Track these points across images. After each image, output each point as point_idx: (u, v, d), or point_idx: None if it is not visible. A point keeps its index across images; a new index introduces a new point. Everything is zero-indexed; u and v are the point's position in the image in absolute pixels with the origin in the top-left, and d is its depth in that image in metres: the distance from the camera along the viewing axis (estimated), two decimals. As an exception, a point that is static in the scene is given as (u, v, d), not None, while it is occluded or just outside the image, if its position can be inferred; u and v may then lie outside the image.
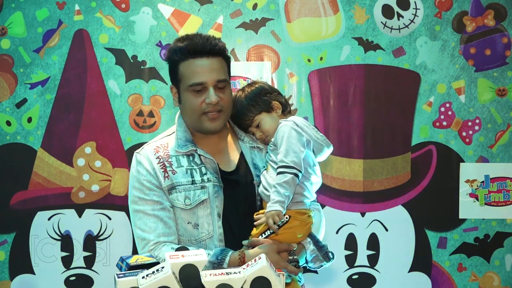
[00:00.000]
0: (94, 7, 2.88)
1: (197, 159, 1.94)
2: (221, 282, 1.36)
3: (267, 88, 2.00)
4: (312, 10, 2.94)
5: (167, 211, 1.89)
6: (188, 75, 1.91)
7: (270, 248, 1.80)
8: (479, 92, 2.96)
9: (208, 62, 1.89)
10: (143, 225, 1.89)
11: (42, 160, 2.87)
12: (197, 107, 1.90)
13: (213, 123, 1.91)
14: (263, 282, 1.40)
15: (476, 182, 2.97)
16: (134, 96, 2.90)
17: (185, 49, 1.90)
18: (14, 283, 2.88)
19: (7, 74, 2.87)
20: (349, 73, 2.94)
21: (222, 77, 1.89)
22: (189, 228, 1.90)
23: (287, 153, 1.83)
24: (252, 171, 1.96)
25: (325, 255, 1.88)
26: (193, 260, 1.40)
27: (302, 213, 1.87)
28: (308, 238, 1.90)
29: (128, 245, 2.89)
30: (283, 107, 1.98)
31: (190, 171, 1.92)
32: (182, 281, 1.38)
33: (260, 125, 1.96)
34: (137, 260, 1.53)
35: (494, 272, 2.98)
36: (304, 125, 1.92)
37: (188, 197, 1.89)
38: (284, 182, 1.81)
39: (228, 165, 1.97)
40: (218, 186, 1.91)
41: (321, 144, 1.92)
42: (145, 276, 1.37)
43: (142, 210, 1.90)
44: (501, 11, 2.96)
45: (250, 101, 1.96)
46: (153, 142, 2.00)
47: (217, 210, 1.90)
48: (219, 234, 1.90)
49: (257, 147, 2.01)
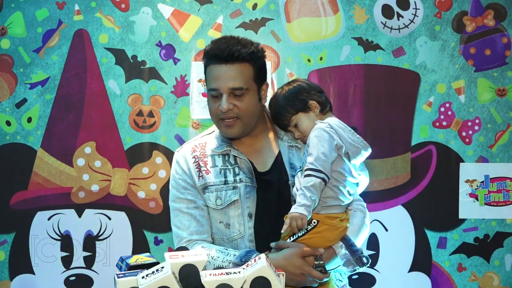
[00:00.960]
0: (94, 7, 2.88)
1: (232, 159, 1.96)
2: (221, 282, 1.36)
3: (305, 87, 1.96)
4: (312, 10, 2.94)
5: (200, 209, 1.94)
6: (208, 79, 1.95)
7: (294, 252, 1.79)
8: (479, 92, 2.96)
9: (225, 69, 1.89)
10: (178, 223, 1.96)
11: (42, 160, 2.87)
12: (214, 112, 1.94)
13: (228, 130, 1.93)
14: (263, 282, 1.40)
15: (476, 182, 2.96)
16: (134, 96, 2.90)
17: (207, 54, 1.94)
18: (14, 283, 2.88)
19: (7, 74, 2.87)
20: (349, 73, 2.94)
21: (238, 85, 1.88)
22: (221, 228, 1.93)
23: (316, 156, 1.81)
24: (288, 171, 1.95)
25: (359, 260, 1.84)
26: (193, 260, 1.40)
27: (333, 218, 1.84)
28: (340, 241, 1.86)
29: (128, 245, 2.89)
30: (321, 106, 1.95)
31: (224, 171, 1.94)
32: (182, 281, 1.38)
33: (298, 125, 1.93)
34: (136, 260, 1.53)
35: (494, 272, 2.98)
36: (340, 127, 1.88)
37: (220, 197, 1.92)
38: (311, 185, 1.78)
39: (263, 165, 1.97)
40: (251, 187, 1.92)
41: (357, 147, 1.88)
42: (145, 276, 1.37)
43: (178, 208, 1.96)
44: (501, 11, 2.96)
45: (287, 101, 1.93)
46: (193, 140, 2.06)
47: (248, 211, 1.91)
48: (250, 234, 1.91)
49: (295, 146, 1.99)
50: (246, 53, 1.91)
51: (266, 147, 2.01)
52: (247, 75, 1.91)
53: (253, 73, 1.92)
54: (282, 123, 1.98)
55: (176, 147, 2.85)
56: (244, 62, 1.90)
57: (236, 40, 1.95)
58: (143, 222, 2.90)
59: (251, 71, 1.92)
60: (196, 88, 2.90)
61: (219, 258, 1.84)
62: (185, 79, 2.89)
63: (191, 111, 2.89)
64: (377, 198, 2.95)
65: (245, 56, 1.90)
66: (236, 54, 1.89)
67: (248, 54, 1.91)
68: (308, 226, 1.82)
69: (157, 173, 2.89)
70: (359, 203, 2.00)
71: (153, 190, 2.90)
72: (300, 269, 1.77)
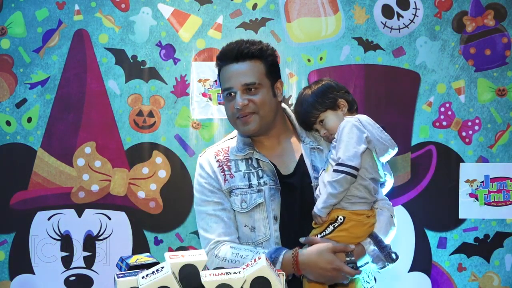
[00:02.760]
0: (94, 7, 2.88)
1: (255, 162, 1.96)
2: (221, 282, 1.36)
3: (334, 86, 1.98)
4: (312, 10, 2.94)
5: (227, 211, 1.94)
6: (222, 81, 1.97)
7: (325, 247, 1.79)
8: (479, 92, 2.96)
9: (237, 66, 1.92)
10: (205, 225, 1.95)
11: (42, 160, 2.87)
12: (231, 111, 1.95)
13: (245, 126, 1.94)
14: (263, 282, 1.40)
15: (476, 182, 2.96)
16: (134, 96, 2.90)
17: (219, 56, 1.97)
18: (14, 283, 2.88)
19: (7, 74, 2.87)
20: (349, 73, 2.94)
21: (250, 80, 1.90)
22: (247, 231, 1.94)
23: (346, 149, 1.81)
24: (311, 173, 1.94)
25: (388, 256, 1.84)
26: (193, 260, 1.40)
27: (360, 214, 1.84)
28: (369, 238, 1.86)
29: (128, 245, 2.89)
30: (349, 106, 1.95)
31: (247, 175, 1.95)
32: (182, 281, 1.38)
33: (325, 122, 1.94)
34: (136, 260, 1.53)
35: (494, 272, 2.98)
36: (368, 123, 1.89)
37: (245, 201, 1.93)
38: (335, 181, 1.79)
39: (286, 168, 1.97)
40: (275, 189, 1.92)
41: (384, 145, 1.88)
42: (145, 276, 1.37)
43: (205, 211, 1.96)
44: (501, 11, 2.96)
45: (317, 98, 1.94)
46: (215, 145, 2.06)
47: (273, 213, 1.91)
48: (276, 237, 1.91)
49: (317, 148, 1.99)
50: (255, 49, 1.94)
51: (288, 149, 2.01)
52: (258, 71, 1.93)
53: (264, 69, 1.94)
54: (309, 121, 1.98)
55: (176, 147, 2.88)
56: (254, 58, 1.93)
57: (245, 40, 1.98)
58: (143, 222, 2.90)
59: (262, 67, 1.94)
60: (196, 88, 2.90)
61: (248, 256, 1.83)
62: (185, 79, 2.89)
63: (191, 111, 2.89)
64: (377, 198, 2.95)
65: (255, 53, 1.93)
66: (245, 51, 1.92)
67: (258, 51, 1.94)
68: (335, 223, 1.82)
69: (157, 173, 2.89)
70: (385, 202, 2.00)
71: (153, 190, 2.90)
72: (332, 264, 1.77)
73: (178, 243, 2.90)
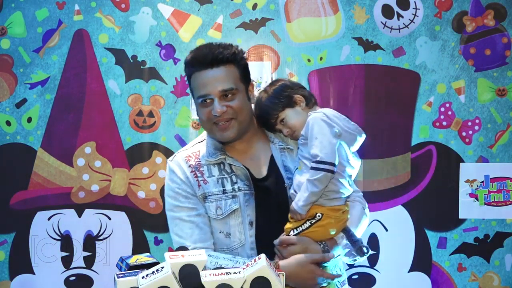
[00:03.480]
0: (94, 7, 2.88)
1: (227, 167, 1.94)
2: (221, 282, 1.36)
3: (288, 84, 1.98)
4: (312, 10, 2.94)
5: (202, 217, 1.91)
6: (196, 88, 1.91)
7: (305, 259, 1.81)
8: (479, 92, 2.96)
9: (212, 73, 1.87)
10: (180, 231, 1.92)
11: (42, 160, 2.87)
12: (207, 118, 1.90)
13: (223, 133, 1.90)
14: (263, 282, 1.40)
15: (476, 182, 2.96)
16: (134, 96, 2.90)
17: (190, 62, 1.92)
18: (14, 283, 2.88)
19: (7, 74, 2.87)
20: (349, 73, 2.94)
21: (228, 87, 1.87)
22: (221, 237, 1.92)
23: (321, 146, 1.80)
24: (283, 174, 1.94)
25: (359, 249, 1.86)
26: (193, 260, 1.40)
27: (336, 210, 1.85)
28: (342, 232, 1.88)
29: (128, 245, 2.89)
30: (306, 100, 1.95)
31: (221, 181, 1.92)
32: (182, 281, 1.38)
33: (285, 121, 1.93)
34: (136, 260, 1.53)
35: (494, 272, 2.98)
36: (335, 116, 1.89)
37: (220, 207, 1.90)
38: (315, 179, 1.79)
39: (259, 171, 1.95)
40: (249, 194, 1.90)
41: (352, 134, 1.89)
42: (145, 276, 1.37)
43: (178, 217, 1.93)
44: (501, 11, 2.96)
45: (272, 99, 1.94)
46: (184, 150, 2.01)
47: (248, 219, 1.90)
48: (251, 242, 1.90)
49: (287, 148, 1.98)
50: (229, 54, 1.90)
51: (259, 152, 1.99)
52: (234, 76, 1.90)
53: (239, 73, 1.91)
54: (270, 123, 1.97)
55: (176, 147, 2.88)
56: (229, 63, 1.89)
57: (216, 44, 1.93)
58: (143, 222, 2.90)
59: (236, 72, 1.91)
60: (196, 88, 2.90)
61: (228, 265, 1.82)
62: (185, 79, 2.89)
63: (191, 111, 2.89)
64: (377, 198, 2.95)
65: (229, 58, 1.89)
66: (220, 56, 1.87)
67: (231, 55, 1.90)
68: (313, 220, 1.83)
69: (157, 173, 2.89)
70: (356, 194, 2.00)
71: (153, 190, 2.90)
72: (313, 273, 1.80)
73: (178, 243, 2.90)
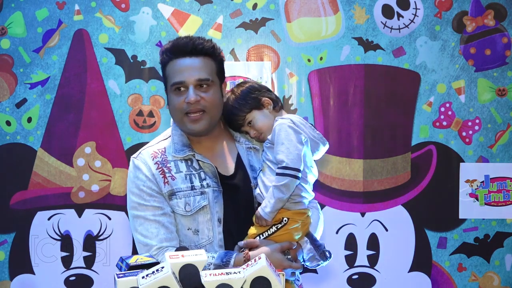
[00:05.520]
0: (94, 7, 2.88)
1: (196, 164, 1.92)
2: (221, 282, 1.36)
3: (256, 86, 1.98)
4: (312, 10, 2.94)
5: (168, 216, 1.88)
6: (171, 75, 1.90)
7: (274, 247, 1.81)
8: (479, 92, 2.96)
9: (190, 61, 1.87)
10: (145, 231, 1.87)
11: (42, 160, 2.87)
12: (179, 107, 1.88)
13: (194, 125, 1.88)
14: (263, 282, 1.40)
15: (476, 182, 2.96)
16: (134, 96, 2.90)
17: (169, 49, 1.91)
18: (14, 283, 2.88)
19: (7, 74, 2.87)
20: (349, 73, 2.94)
21: (204, 76, 1.86)
22: (189, 234, 1.89)
23: (288, 152, 1.81)
24: (249, 173, 1.94)
25: (322, 254, 1.87)
26: (193, 260, 1.40)
27: (301, 214, 1.86)
28: (305, 237, 1.89)
29: (128, 245, 2.89)
30: (273, 103, 1.96)
31: (189, 177, 1.90)
32: (182, 281, 1.38)
33: (253, 123, 1.94)
34: (137, 260, 1.52)
35: (494, 272, 2.98)
36: (301, 123, 1.90)
37: (188, 203, 1.88)
38: (282, 185, 1.80)
39: (226, 169, 1.94)
40: (218, 191, 1.90)
41: (316, 142, 1.91)
42: (145, 276, 1.37)
43: (143, 216, 1.88)
44: (501, 11, 2.96)
45: (240, 101, 1.94)
46: (149, 146, 1.96)
47: (217, 216, 1.89)
48: (219, 239, 1.89)
49: (253, 148, 1.99)
50: (209, 47, 1.91)
51: (225, 150, 1.99)
52: (211, 68, 1.90)
53: (215, 67, 1.92)
54: (236, 123, 1.98)
55: (176, 147, 2.88)
56: (207, 56, 1.90)
57: (197, 37, 1.94)
58: (143, 222, 2.90)
59: (213, 65, 1.91)
60: (196, 88, 2.90)
61: None
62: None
63: (190, 111, 2.89)
64: (377, 198, 2.95)
65: (208, 50, 1.90)
66: (200, 47, 1.88)
67: (211, 48, 1.91)
68: (279, 224, 1.84)
69: (157, 173, 2.89)
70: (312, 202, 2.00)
71: (153, 190, 2.89)
72: (281, 264, 1.79)
73: (178, 243, 2.90)
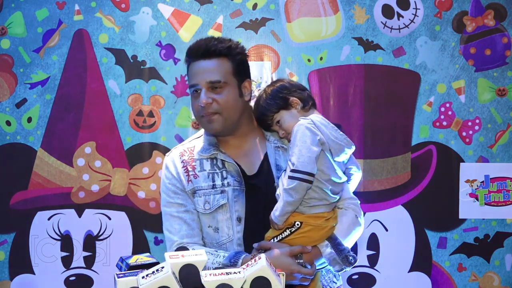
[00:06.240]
0: (94, 7, 2.88)
1: (219, 162, 1.95)
2: (221, 282, 1.36)
3: (286, 86, 1.96)
4: (312, 10, 2.94)
5: (190, 213, 1.93)
6: (189, 78, 1.94)
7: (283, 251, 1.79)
8: (479, 92, 2.96)
9: (203, 63, 1.89)
10: (170, 227, 1.95)
11: (42, 160, 2.87)
12: (195, 109, 1.93)
13: (210, 125, 1.91)
14: (263, 282, 1.40)
15: (476, 182, 2.96)
16: (134, 96, 2.90)
17: (187, 52, 1.95)
18: (14, 283, 2.88)
19: (7, 74, 2.87)
20: (349, 73, 2.94)
21: (215, 78, 1.87)
22: (211, 232, 1.93)
23: (299, 154, 1.79)
24: (274, 173, 1.93)
25: (345, 259, 1.82)
26: (193, 260, 1.40)
27: (317, 218, 1.82)
28: (326, 240, 1.84)
29: (128, 245, 2.89)
30: (303, 103, 1.93)
31: (212, 175, 1.93)
32: (182, 281, 1.38)
33: (280, 123, 1.93)
34: (137, 260, 1.53)
35: (494, 272, 2.98)
36: (322, 124, 1.86)
37: (208, 202, 1.92)
38: (290, 188, 1.77)
39: (251, 168, 1.95)
40: (239, 190, 1.91)
41: (339, 144, 1.85)
42: (145, 276, 1.37)
43: (169, 212, 1.96)
44: (501, 11, 2.96)
45: (269, 100, 1.93)
46: (181, 145, 2.04)
47: (236, 214, 1.90)
48: (238, 238, 1.90)
49: (281, 147, 1.98)
50: (223, 47, 1.91)
51: (253, 149, 1.99)
52: (225, 69, 1.90)
53: (231, 67, 1.92)
54: (265, 123, 1.97)
55: (176, 147, 2.88)
56: (222, 56, 1.90)
57: (214, 38, 1.96)
58: (143, 222, 2.90)
59: (229, 66, 1.91)
60: (196, 88, 2.90)
61: (208, 260, 1.83)
62: (185, 79, 2.89)
63: (191, 111, 2.89)
64: (377, 198, 2.95)
65: (222, 51, 1.90)
66: (212, 48, 1.89)
67: (225, 49, 1.91)
68: (292, 228, 1.81)
69: (157, 173, 2.89)
70: (350, 202, 1.96)
71: (153, 190, 2.90)
72: (289, 268, 1.76)
73: (178, 243, 2.90)
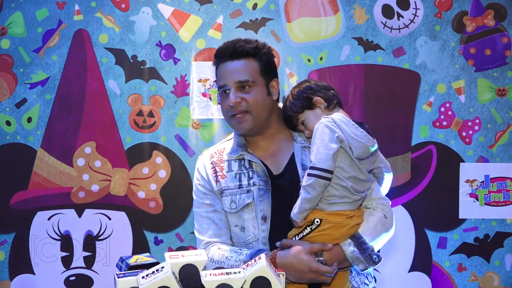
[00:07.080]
0: (94, 7, 2.88)
1: (246, 163, 1.99)
2: (221, 282, 1.36)
3: (311, 86, 1.97)
4: (312, 10, 2.94)
5: (218, 213, 1.98)
6: (218, 79, 1.99)
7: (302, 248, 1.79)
8: (479, 92, 2.96)
9: (231, 64, 1.94)
10: (199, 226, 2.01)
11: (42, 160, 2.87)
12: (225, 109, 1.97)
13: (239, 125, 1.95)
14: (263, 282, 1.40)
15: (476, 182, 2.96)
16: (134, 96, 2.90)
17: (215, 55, 2.00)
18: (14, 283, 2.88)
19: (7, 74, 2.87)
20: (349, 73, 2.94)
21: (243, 78, 1.92)
22: (237, 231, 1.96)
23: (317, 151, 1.80)
24: (300, 173, 1.93)
25: (368, 258, 1.80)
26: (193, 260, 1.40)
27: (338, 215, 1.81)
28: (349, 239, 1.82)
29: (128, 245, 2.89)
30: (327, 102, 1.93)
31: (239, 175, 1.97)
32: (182, 281, 1.38)
33: (305, 122, 1.94)
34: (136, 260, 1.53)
35: (494, 272, 2.98)
36: (342, 121, 1.85)
37: (234, 201, 1.95)
38: (307, 185, 1.78)
39: (277, 168, 1.98)
40: (265, 190, 1.93)
41: (360, 142, 1.83)
42: (145, 276, 1.37)
43: (199, 213, 2.02)
44: (501, 11, 2.96)
45: (294, 101, 1.95)
46: (213, 147, 2.10)
47: (262, 213, 1.92)
48: (263, 237, 1.92)
49: (308, 147, 1.98)
50: (250, 48, 1.95)
51: (280, 149, 2.02)
52: (252, 69, 1.94)
53: (259, 67, 1.96)
54: (292, 123, 1.99)
55: (176, 147, 2.89)
56: (249, 57, 1.95)
57: (241, 39, 2.00)
58: (143, 222, 2.90)
59: (256, 66, 1.95)
60: (196, 88, 2.90)
61: (232, 258, 1.88)
62: (185, 79, 2.90)
63: (191, 111, 2.89)
64: (377, 198, 2.95)
65: (249, 51, 1.95)
66: (240, 49, 1.94)
67: (252, 49, 1.95)
68: (312, 225, 1.81)
69: (157, 173, 2.89)
70: (379, 202, 1.96)
71: (153, 190, 2.90)
72: (308, 266, 1.76)
73: (178, 243, 2.90)
